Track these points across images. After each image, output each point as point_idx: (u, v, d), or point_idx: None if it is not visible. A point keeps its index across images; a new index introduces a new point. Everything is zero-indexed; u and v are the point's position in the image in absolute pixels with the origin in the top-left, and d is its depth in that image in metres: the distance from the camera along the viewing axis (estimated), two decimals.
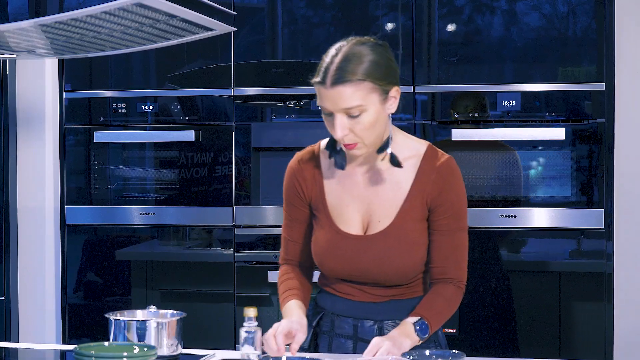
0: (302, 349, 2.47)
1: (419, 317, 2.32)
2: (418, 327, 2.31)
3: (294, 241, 2.50)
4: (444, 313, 2.39)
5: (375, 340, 2.25)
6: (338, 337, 2.42)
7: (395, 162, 2.33)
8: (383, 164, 2.37)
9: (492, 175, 3.76)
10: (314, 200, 2.43)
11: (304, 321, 2.35)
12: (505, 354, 3.69)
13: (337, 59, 2.25)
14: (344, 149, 2.33)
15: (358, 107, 2.24)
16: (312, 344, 2.48)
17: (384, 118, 2.30)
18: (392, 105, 2.31)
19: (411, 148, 2.39)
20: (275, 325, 2.28)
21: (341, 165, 2.38)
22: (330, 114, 2.27)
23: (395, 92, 2.30)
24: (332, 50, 2.29)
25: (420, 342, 2.33)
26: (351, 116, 2.24)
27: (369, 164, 2.39)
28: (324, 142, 2.48)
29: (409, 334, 2.30)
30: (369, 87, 2.25)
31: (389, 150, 2.33)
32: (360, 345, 2.40)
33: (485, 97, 3.76)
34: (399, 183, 2.37)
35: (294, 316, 2.36)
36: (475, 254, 3.78)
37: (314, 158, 2.46)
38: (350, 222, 2.39)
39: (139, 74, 4.13)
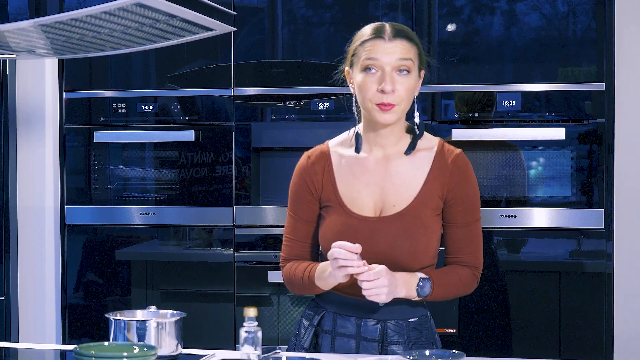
0: (302, 349, 2.47)
1: (428, 277, 2.36)
2: (420, 284, 2.34)
3: (299, 240, 2.49)
4: (452, 287, 2.42)
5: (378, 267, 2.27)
6: (341, 337, 2.43)
7: (414, 142, 2.43)
8: (397, 153, 2.43)
9: (492, 175, 3.76)
10: (325, 192, 2.45)
11: None
12: (505, 354, 3.70)
13: (387, 24, 2.40)
14: (377, 114, 2.36)
15: (410, 61, 2.36)
16: (313, 344, 2.48)
17: (414, 94, 2.41)
18: (419, 86, 2.43)
19: (424, 140, 2.47)
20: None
21: (358, 149, 2.44)
22: (375, 72, 2.35)
23: (422, 75, 2.44)
24: (370, 25, 2.41)
25: (415, 299, 2.36)
26: (400, 73, 2.35)
27: (383, 152, 2.43)
28: (332, 142, 2.53)
29: (410, 285, 2.33)
30: (416, 52, 2.39)
31: (417, 131, 2.43)
32: (363, 344, 2.40)
33: (488, 96, 3.76)
34: (414, 171, 2.42)
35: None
36: None
37: (324, 155, 2.49)
38: (364, 208, 2.42)
39: (139, 74, 4.13)
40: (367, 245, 2.36)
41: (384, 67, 2.35)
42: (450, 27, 3.80)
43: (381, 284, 2.25)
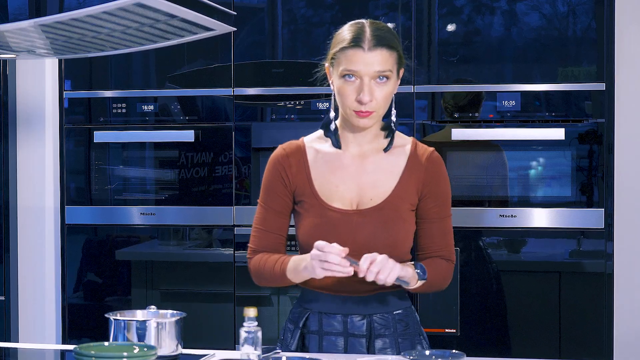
0: (289, 351, 2.47)
1: (420, 264, 2.39)
2: (418, 270, 2.36)
3: (269, 232, 2.48)
4: (438, 276, 2.44)
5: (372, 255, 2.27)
6: (328, 336, 2.43)
7: (390, 142, 2.44)
8: (372, 150, 2.45)
9: (493, 175, 3.76)
10: (300, 187, 2.46)
11: None
12: (505, 354, 3.70)
13: (368, 29, 2.37)
14: (354, 119, 2.38)
15: (389, 71, 2.35)
16: (299, 345, 2.48)
17: (392, 96, 2.42)
18: (397, 84, 2.42)
19: (397, 137, 2.49)
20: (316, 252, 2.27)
21: (338, 144, 2.45)
22: (353, 81, 2.35)
23: (401, 73, 2.43)
24: (351, 25, 2.40)
25: (417, 282, 2.35)
26: (378, 82, 2.35)
27: (359, 149, 2.46)
28: (307, 138, 2.54)
29: (407, 270, 2.32)
30: (396, 58, 2.38)
31: (394, 128, 2.45)
32: (351, 341, 2.41)
33: (486, 96, 3.76)
34: (390, 167, 2.44)
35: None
36: (475, 254, 3.79)
37: (299, 150, 2.51)
38: (340, 202, 2.42)
39: (139, 74, 4.13)
40: (347, 237, 2.37)
41: (362, 77, 2.35)
42: (450, 27, 3.80)
43: (391, 265, 2.25)
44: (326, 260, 2.24)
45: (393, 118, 2.44)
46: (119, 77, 4.10)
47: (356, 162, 2.45)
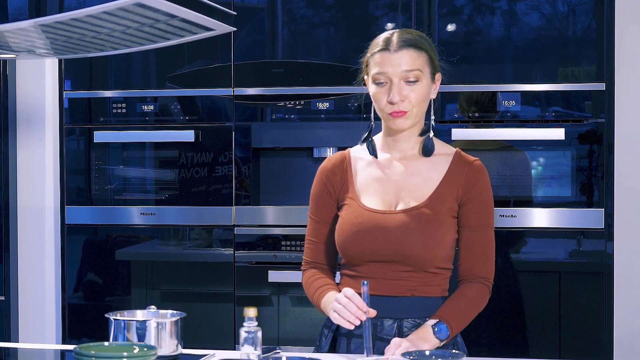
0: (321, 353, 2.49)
1: (437, 320, 2.38)
2: (437, 330, 2.36)
3: (319, 242, 2.55)
4: (467, 314, 2.44)
5: (396, 340, 2.30)
6: (357, 338, 2.44)
7: (427, 147, 2.47)
8: (415, 156, 2.49)
9: (493, 175, 3.75)
10: (342, 193, 2.51)
11: None
12: (505, 354, 3.69)
13: (397, 34, 2.44)
14: (390, 122, 2.44)
15: (417, 71, 2.41)
16: (331, 348, 2.49)
17: (428, 99, 2.47)
18: (435, 91, 2.48)
19: (442, 146, 2.53)
20: (339, 296, 2.34)
21: (373, 152, 2.50)
22: (385, 84, 2.41)
23: (438, 78, 2.48)
24: (383, 34, 2.47)
25: (442, 344, 2.38)
26: (408, 82, 2.40)
27: (401, 155, 2.49)
28: (353, 148, 2.59)
29: (428, 338, 2.35)
30: (426, 59, 2.44)
31: (431, 134, 2.47)
32: (379, 344, 2.41)
33: (491, 97, 3.76)
34: (431, 172, 2.47)
35: None
36: None
37: (343, 158, 2.56)
38: (379, 203, 2.46)
39: (139, 74, 4.13)
40: (381, 236, 2.40)
41: (391, 78, 2.41)
42: (450, 27, 3.80)
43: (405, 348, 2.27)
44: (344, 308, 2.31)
45: (432, 122, 2.48)
46: (119, 77, 4.10)
47: (398, 166, 2.49)
